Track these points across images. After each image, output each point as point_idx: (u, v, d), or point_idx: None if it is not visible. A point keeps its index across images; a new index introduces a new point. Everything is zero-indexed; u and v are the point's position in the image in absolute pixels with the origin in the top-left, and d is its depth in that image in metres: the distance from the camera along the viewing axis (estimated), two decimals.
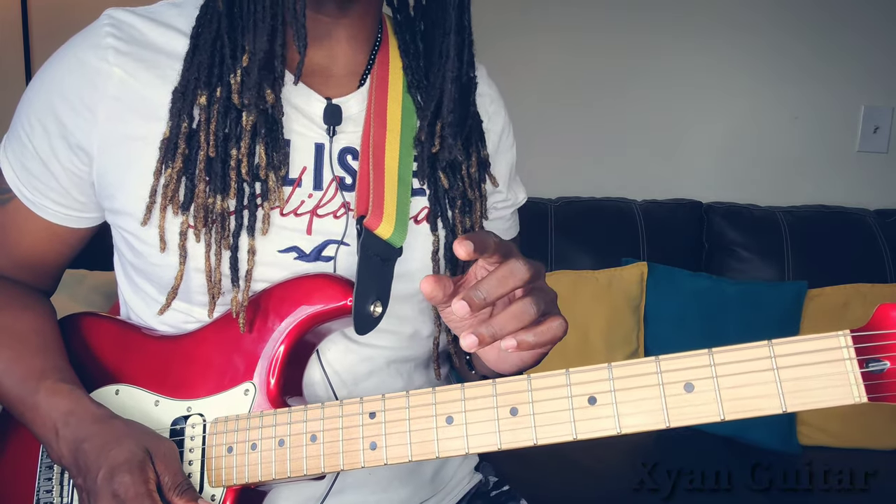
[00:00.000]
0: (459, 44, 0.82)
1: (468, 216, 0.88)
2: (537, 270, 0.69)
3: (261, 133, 0.79)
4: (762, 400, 0.59)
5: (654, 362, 0.62)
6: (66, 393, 0.80)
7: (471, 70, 0.84)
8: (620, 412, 0.63)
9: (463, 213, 0.88)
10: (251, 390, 0.79)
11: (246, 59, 0.77)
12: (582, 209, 2.33)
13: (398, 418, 0.70)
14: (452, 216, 0.87)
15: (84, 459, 0.74)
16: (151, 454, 0.73)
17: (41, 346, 0.86)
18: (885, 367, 0.56)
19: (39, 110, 0.82)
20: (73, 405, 0.79)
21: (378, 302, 0.79)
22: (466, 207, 0.88)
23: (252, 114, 0.78)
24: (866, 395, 0.56)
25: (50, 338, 0.87)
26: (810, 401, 0.58)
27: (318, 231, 0.82)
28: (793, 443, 2.00)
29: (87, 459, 0.74)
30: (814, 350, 0.58)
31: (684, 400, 0.61)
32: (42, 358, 0.84)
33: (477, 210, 0.89)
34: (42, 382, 0.81)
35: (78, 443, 0.76)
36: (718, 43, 2.43)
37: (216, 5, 0.79)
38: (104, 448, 0.74)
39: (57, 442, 0.78)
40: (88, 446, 0.75)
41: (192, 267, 0.80)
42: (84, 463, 0.74)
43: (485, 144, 0.91)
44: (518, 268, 0.67)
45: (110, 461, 0.72)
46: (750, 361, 0.60)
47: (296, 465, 0.74)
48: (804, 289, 2.07)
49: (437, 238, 0.87)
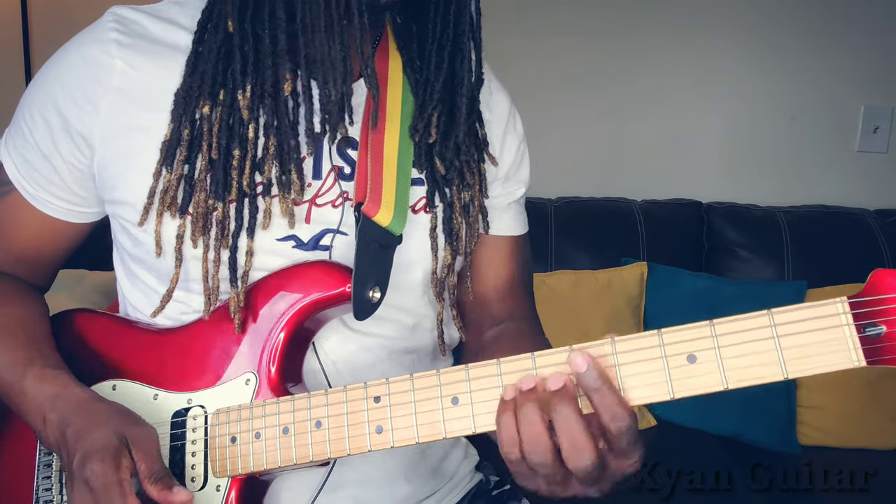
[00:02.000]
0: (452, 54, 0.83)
1: (467, 191, 0.89)
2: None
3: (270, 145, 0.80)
4: (764, 368, 0.60)
5: (657, 335, 0.63)
6: (52, 378, 0.80)
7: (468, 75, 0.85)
8: (625, 385, 0.63)
9: (461, 189, 0.88)
10: (252, 380, 0.79)
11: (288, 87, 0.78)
12: (582, 209, 2.33)
13: (403, 401, 0.70)
14: (450, 193, 0.87)
15: (66, 444, 0.75)
16: (129, 441, 0.73)
17: (29, 337, 0.86)
18: (882, 332, 0.57)
19: (42, 104, 0.82)
20: (58, 389, 0.79)
21: (377, 287, 0.79)
22: (464, 185, 0.88)
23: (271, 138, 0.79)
24: (865, 359, 0.57)
25: (38, 330, 0.88)
26: (811, 367, 0.59)
27: (317, 220, 0.83)
28: (793, 443, 1.99)
29: (68, 444, 0.74)
30: (812, 317, 0.59)
31: (688, 371, 0.62)
32: (29, 347, 0.84)
33: (476, 185, 0.89)
34: (29, 369, 0.81)
35: (62, 427, 0.76)
36: (718, 43, 2.44)
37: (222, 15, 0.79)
38: (81, 434, 0.74)
39: (45, 427, 0.78)
40: (70, 431, 0.75)
41: (191, 256, 0.81)
42: (65, 447, 0.75)
43: (482, 124, 0.91)
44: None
45: (85, 448, 0.72)
46: (750, 331, 0.60)
47: (301, 452, 0.74)
48: (804, 289, 2.07)
49: (435, 215, 0.87)
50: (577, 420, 0.61)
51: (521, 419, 0.63)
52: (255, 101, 0.78)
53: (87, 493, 0.71)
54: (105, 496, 0.70)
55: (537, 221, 2.18)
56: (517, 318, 0.97)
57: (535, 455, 0.62)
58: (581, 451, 0.61)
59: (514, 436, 0.63)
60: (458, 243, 0.88)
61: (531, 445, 0.62)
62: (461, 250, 0.89)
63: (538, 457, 0.62)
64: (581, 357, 0.63)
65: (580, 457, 0.61)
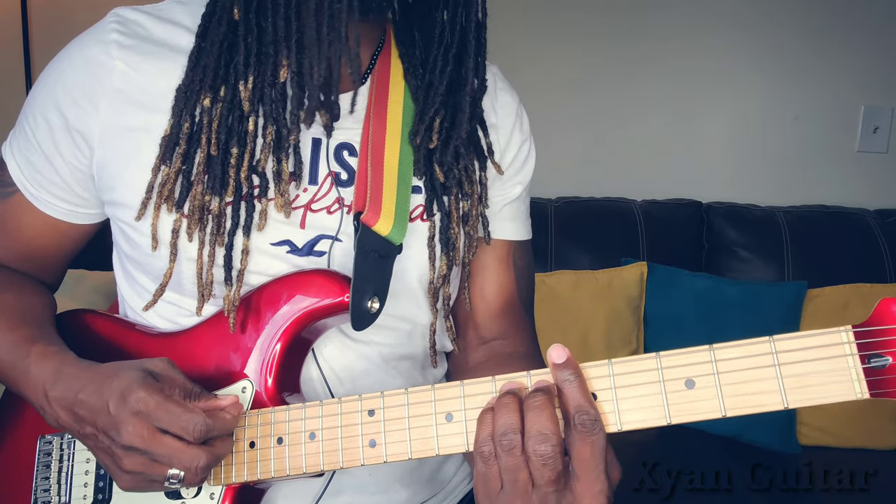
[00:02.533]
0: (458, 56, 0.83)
1: (465, 201, 0.88)
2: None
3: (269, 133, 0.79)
4: (763, 396, 0.58)
5: (655, 359, 0.62)
6: (53, 354, 0.80)
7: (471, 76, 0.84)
8: (621, 408, 0.62)
9: (459, 199, 0.87)
10: (248, 388, 0.79)
11: (284, 73, 0.78)
12: (582, 209, 2.33)
13: (397, 416, 0.69)
14: (448, 202, 0.87)
15: (84, 408, 0.74)
16: (152, 372, 0.73)
17: (33, 318, 0.86)
18: (888, 363, 0.55)
19: (43, 105, 0.83)
20: (59, 364, 0.78)
21: (375, 298, 0.79)
22: (462, 194, 0.87)
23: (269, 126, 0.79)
24: (868, 391, 0.56)
25: (42, 313, 0.88)
26: (812, 397, 0.57)
27: (311, 225, 0.82)
28: (793, 443, 1.99)
29: (89, 404, 0.73)
30: (815, 346, 0.57)
31: (685, 396, 0.60)
32: (32, 328, 0.84)
33: (475, 195, 0.88)
34: (32, 347, 0.81)
35: (73, 396, 0.75)
36: (718, 43, 2.43)
37: (226, 8, 0.79)
38: (103, 385, 0.73)
39: (49, 405, 0.77)
40: (85, 394, 0.74)
41: (185, 257, 0.81)
42: (87, 411, 0.74)
43: (487, 132, 0.90)
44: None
45: (116, 389, 0.71)
46: (751, 357, 0.59)
47: (295, 463, 0.74)
48: (804, 289, 2.07)
49: (433, 224, 0.87)
50: (548, 412, 0.61)
51: (497, 413, 0.63)
52: (257, 93, 0.78)
53: (139, 424, 0.70)
54: (164, 413, 0.69)
55: (537, 221, 2.16)
56: (510, 337, 0.95)
57: (505, 440, 0.61)
58: (544, 437, 0.60)
59: (489, 430, 0.63)
60: (454, 253, 0.87)
61: (502, 436, 0.61)
62: (458, 260, 0.88)
63: (507, 442, 0.61)
64: (559, 349, 0.63)
65: (541, 440, 0.60)
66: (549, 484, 0.61)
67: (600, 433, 0.61)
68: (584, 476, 0.61)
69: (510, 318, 0.95)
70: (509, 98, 0.96)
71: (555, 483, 0.61)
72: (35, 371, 0.79)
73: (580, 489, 0.61)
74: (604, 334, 2.10)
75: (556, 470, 0.60)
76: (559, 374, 0.63)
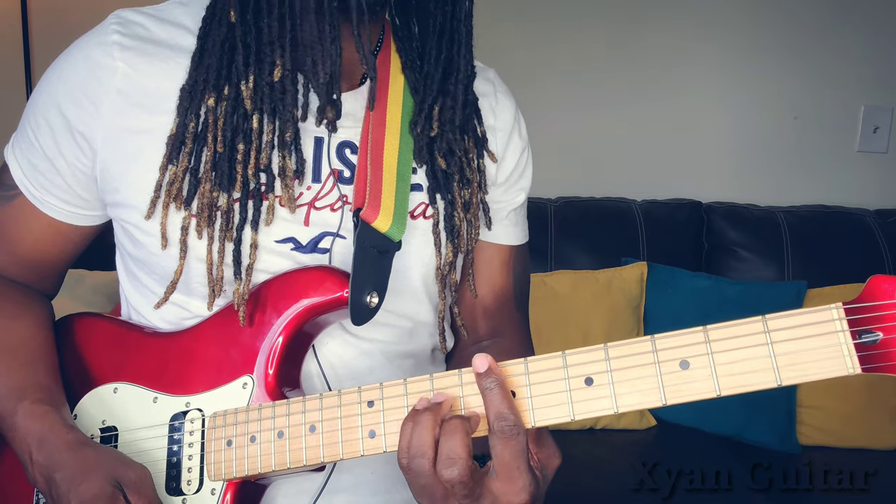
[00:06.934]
0: (449, 43, 0.84)
1: (466, 188, 0.89)
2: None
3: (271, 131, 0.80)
4: (757, 374, 0.59)
5: (650, 341, 0.62)
6: (41, 416, 0.80)
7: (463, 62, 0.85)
8: (617, 392, 0.63)
9: (461, 186, 0.88)
10: (249, 383, 0.79)
11: (278, 72, 0.78)
12: (582, 209, 2.33)
13: (396, 406, 0.70)
14: (451, 189, 0.88)
15: (56, 490, 0.75)
16: (122, 485, 0.74)
17: (27, 360, 0.86)
18: (878, 338, 0.56)
19: (45, 106, 0.83)
20: (46, 431, 0.79)
21: (374, 293, 0.79)
22: (464, 181, 0.89)
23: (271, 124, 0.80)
24: (860, 366, 0.57)
25: (38, 349, 0.88)
26: (805, 374, 0.58)
27: (315, 223, 0.83)
28: (793, 442, 1.99)
29: (59, 491, 0.74)
30: (807, 324, 0.58)
31: (680, 377, 0.61)
32: (25, 373, 0.84)
33: (475, 182, 0.89)
34: (20, 403, 0.81)
35: (50, 471, 0.76)
36: (719, 43, 2.44)
37: (226, 10, 0.80)
38: (73, 481, 0.74)
39: (31, 466, 0.78)
40: (59, 477, 0.75)
41: (193, 256, 0.81)
42: (56, 493, 0.75)
43: (481, 121, 0.92)
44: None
45: (80, 497, 0.72)
46: (744, 337, 0.60)
47: (295, 456, 0.74)
48: (804, 289, 2.07)
49: (437, 212, 0.88)
50: (459, 436, 0.63)
51: (413, 430, 0.65)
52: (258, 92, 0.79)
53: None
54: None
55: (537, 221, 2.19)
56: (505, 336, 0.96)
57: (417, 461, 0.64)
58: (452, 461, 0.63)
59: (406, 443, 0.65)
60: (459, 240, 0.88)
61: (412, 459, 0.64)
62: (462, 247, 0.89)
63: (417, 464, 0.64)
64: (482, 359, 0.65)
65: (449, 464, 0.63)
66: (464, 498, 0.64)
67: (520, 436, 0.63)
68: (506, 475, 0.64)
69: (505, 318, 0.97)
70: (508, 102, 0.97)
71: (468, 497, 0.64)
72: (22, 431, 0.80)
73: (501, 488, 0.64)
74: (604, 334, 2.10)
75: (467, 487, 0.63)
76: (481, 383, 0.65)
